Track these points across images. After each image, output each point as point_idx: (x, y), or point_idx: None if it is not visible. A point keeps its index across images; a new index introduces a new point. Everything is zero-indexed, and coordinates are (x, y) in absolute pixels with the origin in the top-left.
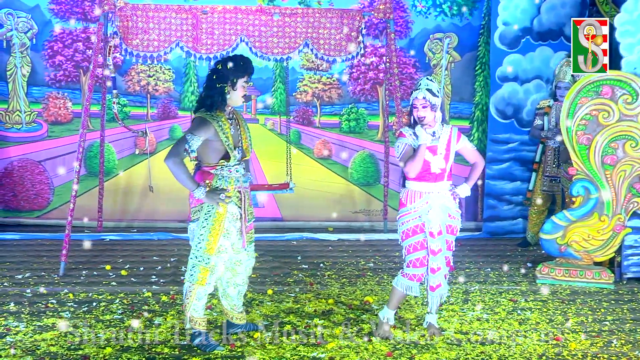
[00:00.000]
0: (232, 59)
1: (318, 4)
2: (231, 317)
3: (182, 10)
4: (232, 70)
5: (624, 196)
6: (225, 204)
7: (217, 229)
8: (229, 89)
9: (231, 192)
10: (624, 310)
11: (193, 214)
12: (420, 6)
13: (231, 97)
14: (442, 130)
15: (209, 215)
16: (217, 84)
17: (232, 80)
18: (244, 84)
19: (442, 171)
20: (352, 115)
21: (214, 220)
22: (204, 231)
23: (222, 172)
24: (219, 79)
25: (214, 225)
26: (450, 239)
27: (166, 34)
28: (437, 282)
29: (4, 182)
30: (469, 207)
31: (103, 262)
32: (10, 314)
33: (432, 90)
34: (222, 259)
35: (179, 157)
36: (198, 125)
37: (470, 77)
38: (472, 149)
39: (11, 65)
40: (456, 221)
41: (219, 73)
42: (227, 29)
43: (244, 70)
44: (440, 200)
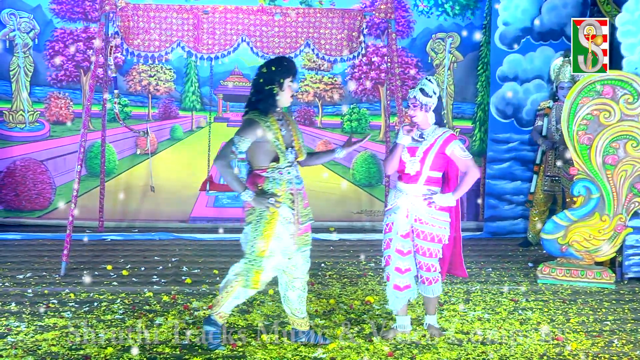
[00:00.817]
0: (276, 61)
1: (319, 3)
2: (293, 323)
3: (183, 10)
4: (279, 71)
5: (625, 196)
6: (276, 208)
7: (269, 232)
8: (278, 91)
9: (282, 195)
10: (625, 310)
11: (247, 216)
12: (422, 6)
13: (280, 99)
14: (433, 133)
15: (261, 218)
16: (265, 86)
17: (280, 82)
18: (290, 83)
19: (416, 174)
20: (353, 116)
21: (265, 223)
22: (256, 234)
23: (273, 175)
24: (266, 82)
25: (265, 228)
26: (423, 245)
27: (167, 34)
28: (404, 283)
29: (6, 182)
30: (470, 207)
31: (104, 262)
32: (11, 314)
33: (425, 90)
34: (271, 263)
35: (226, 160)
36: (246, 127)
37: (472, 77)
38: (463, 158)
39: (14, 65)
40: (429, 227)
41: (266, 76)
42: (228, 29)
43: (290, 71)
44: (409, 203)
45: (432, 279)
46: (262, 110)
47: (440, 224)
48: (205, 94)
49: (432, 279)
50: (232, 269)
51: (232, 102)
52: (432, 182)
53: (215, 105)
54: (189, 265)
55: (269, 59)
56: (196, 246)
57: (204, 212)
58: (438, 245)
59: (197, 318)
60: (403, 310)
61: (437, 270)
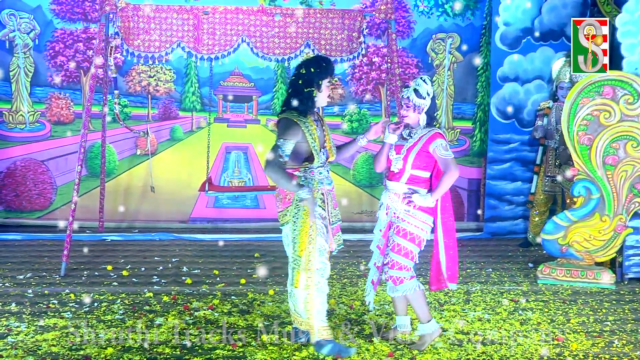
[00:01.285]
0: (315, 61)
1: (319, 4)
2: (295, 321)
3: (183, 11)
4: (317, 73)
5: (625, 196)
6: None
7: (305, 230)
8: (316, 92)
9: (315, 195)
10: (625, 310)
11: (281, 218)
12: (423, 6)
13: (318, 99)
14: (418, 132)
15: (297, 218)
16: (304, 88)
17: (318, 83)
18: (328, 84)
19: (399, 171)
20: (354, 116)
21: (301, 222)
22: (294, 234)
23: (305, 175)
24: (305, 84)
25: (302, 227)
26: (394, 239)
27: (167, 34)
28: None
29: (6, 182)
30: (470, 207)
31: (104, 262)
32: (11, 314)
33: (419, 91)
34: (324, 256)
35: (277, 165)
36: (287, 129)
37: (472, 78)
38: (442, 156)
39: (14, 65)
40: (405, 224)
41: (305, 77)
42: (228, 30)
43: (328, 71)
44: (389, 199)
45: (396, 278)
46: (302, 111)
47: (417, 224)
48: (205, 95)
49: (395, 277)
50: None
51: (232, 102)
52: (416, 181)
53: (215, 106)
54: (189, 265)
55: (307, 59)
56: (196, 247)
57: (204, 213)
58: (412, 245)
59: (197, 318)
60: (403, 310)
61: (406, 271)
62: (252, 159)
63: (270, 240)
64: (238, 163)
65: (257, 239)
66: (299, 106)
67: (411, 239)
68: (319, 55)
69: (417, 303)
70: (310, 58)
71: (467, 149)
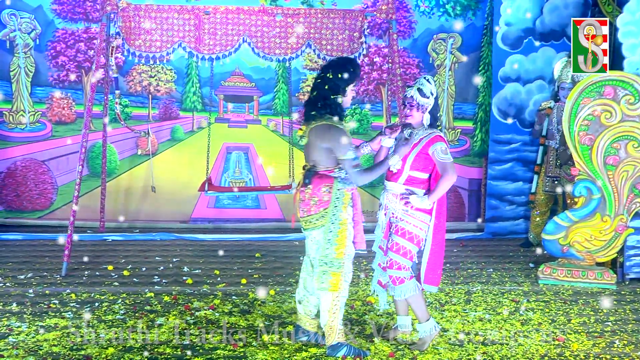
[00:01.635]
0: (342, 67)
1: (321, 4)
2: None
3: (184, 11)
4: (344, 80)
5: (626, 196)
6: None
7: (344, 233)
8: (341, 98)
9: (347, 195)
10: (626, 310)
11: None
12: (424, 6)
13: (343, 103)
14: (420, 133)
15: (335, 220)
16: (331, 95)
17: (344, 89)
18: (353, 87)
19: (398, 172)
20: (355, 116)
21: (340, 224)
22: (331, 236)
23: (340, 175)
24: (332, 91)
25: (341, 229)
26: (394, 239)
27: (168, 34)
28: (385, 280)
29: (7, 182)
30: (471, 207)
31: (105, 262)
32: (12, 314)
33: (423, 91)
34: (348, 264)
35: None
36: (343, 138)
37: (473, 78)
38: (441, 160)
39: (15, 65)
40: (404, 223)
41: (331, 84)
42: (229, 30)
43: (355, 77)
44: (387, 200)
45: (395, 278)
46: (339, 116)
47: (416, 223)
48: (206, 95)
49: (395, 277)
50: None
51: (232, 102)
52: (414, 182)
53: (216, 106)
54: (190, 265)
55: (333, 62)
56: (197, 247)
57: (204, 213)
58: (411, 245)
59: (197, 318)
60: (404, 310)
61: (405, 271)
62: (252, 160)
63: (271, 240)
64: (239, 163)
65: (258, 239)
66: (333, 112)
67: (410, 238)
68: (346, 57)
69: (416, 303)
70: (338, 61)
71: (467, 149)
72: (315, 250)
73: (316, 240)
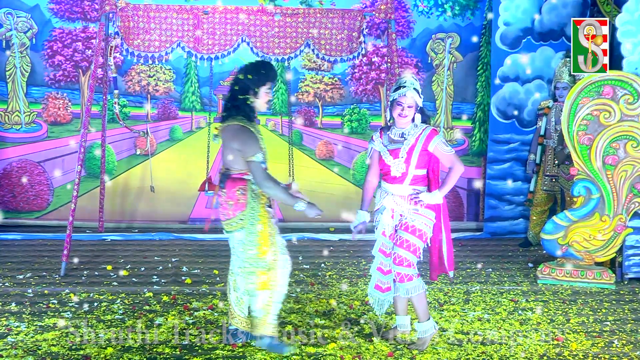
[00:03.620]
0: (253, 68)
1: (319, 4)
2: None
3: (183, 11)
4: (255, 80)
5: (625, 196)
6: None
7: (265, 232)
8: (252, 99)
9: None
10: (625, 310)
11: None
12: (422, 6)
13: (256, 105)
14: (413, 132)
15: (254, 220)
16: (239, 95)
17: (255, 90)
18: (268, 90)
19: (402, 175)
20: (354, 116)
21: (260, 224)
22: (252, 237)
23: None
24: (241, 91)
25: (262, 229)
26: (402, 236)
27: (167, 34)
28: (386, 285)
29: (3, 183)
30: (470, 207)
31: (104, 262)
32: (11, 314)
33: (418, 90)
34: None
35: (270, 178)
36: (249, 139)
37: (472, 78)
38: (446, 153)
39: (10, 65)
40: (411, 220)
41: (241, 84)
42: (228, 29)
43: (266, 78)
44: (394, 203)
45: (403, 275)
46: (247, 117)
47: (423, 220)
48: (205, 95)
49: (403, 275)
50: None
51: None
52: (418, 180)
53: (215, 106)
54: (189, 265)
55: (247, 64)
56: (196, 246)
57: (203, 213)
58: (419, 242)
59: (196, 318)
60: (403, 310)
61: (413, 268)
62: None
63: None
64: None
65: None
66: (241, 112)
67: (419, 235)
68: (260, 60)
69: (420, 302)
70: (251, 63)
71: (466, 149)
72: (239, 252)
73: (239, 240)
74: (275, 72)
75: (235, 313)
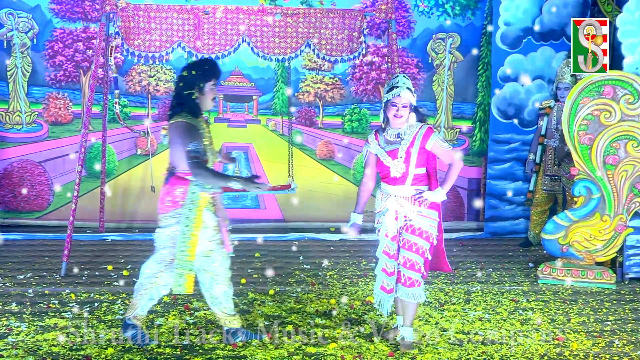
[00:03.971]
0: (197, 64)
1: (320, 4)
2: (225, 323)
3: (183, 11)
4: (199, 76)
5: (626, 196)
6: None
7: (195, 236)
8: (197, 95)
9: (205, 199)
10: (625, 310)
11: (164, 219)
12: (423, 6)
13: (201, 102)
14: (409, 131)
15: (188, 223)
16: (184, 91)
17: (200, 86)
18: (213, 87)
19: (402, 175)
20: (354, 116)
21: (193, 227)
22: (184, 239)
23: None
24: (186, 87)
25: (192, 232)
26: (410, 239)
27: (168, 34)
28: (390, 286)
29: (3, 183)
30: (470, 207)
31: (105, 262)
32: (12, 314)
33: (411, 89)
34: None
35: (204, 165)
36: (190, 132)
37: (472, 77)
38: (445, 149)
39: (12, 65)
40: (417, 222)
41: (186, 80)
42: (228, 29)
43: (211, 74)
44: (397, 205)
45: (413, 280)
46: (192, 113)
47: (427, 221)
48: None
49: (413, 280)
50: (143, 271)
51: (232, 102)
52: (419, 180)
53: (216, 106)
54: None
55: (191, 62)
56: None
57: None
58: (425, 243)
59: (197, 318)
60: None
61: (421, 272)
62: (252, 159)
63: (271, 240)
64: (238, 163)
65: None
66: (185, 108)
67: (426, 237)
68: (204, 57)
69: (413, 309)
70: (195, 61)
71: (466, 149)
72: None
73: (169, 237)
74: (220, 70)
75: (218, 314)
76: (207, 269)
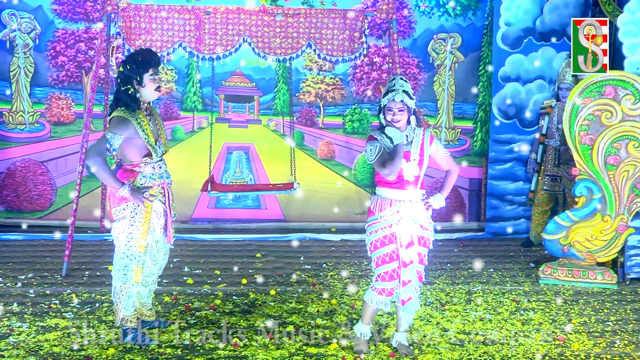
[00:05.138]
0: (130, 58)
1: (321, 4)
2: (141, 314)
3: (184, 11)
4: (134, 69)
5: (627, 196)
6: (150, 202)
7: (145, 226)
8: (138, 87)
9: (155, 189)
10: (627, 310)
11: (116, 213)
12: (424, 6)
13: (142, 94)
14: (414, 134)
15: (136, 213)
16: (121, 87)
17: (137, 79)
18: (152, 77)
19: (415, 178)
20: (355, 116)
21: (142, 218)
22: (132, 229)
23: (146, 170)
24: (123, 82)
25: (142, 222)
26: (423, 252)
27: (169, 34)
28: (408, 295)
29: (6, 183)
30: (471, 207)
31: (106, 262)
32: (13, 314)
33: (409, 92)
34: (149, 256)
35: (101, 157)
36: (117, 124)
37: (473, 78)
38: (446, 155)
39: (14, 65)
40: (428, 233)
41: (122, 76)
42: (230, 30)
43: (146, 64)
44: (412, 210)
45: (418, 288)
46: (129, 108)
47: (432, 228)
48: (207, 95)
49: (418, 287)
50: (113, 274)
51: (233, 102)
52: (422, 184)
53: (217, 106)
54: (191, 265)
55: (126, 56)
56: (197, 247)
57: (205, 213)
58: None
59: (198, 318)
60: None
61: (420, 281)
62: (253, 159)
63: (272, 240)
64: (240, 163)
65: (259, 239)
66: (120, 104)
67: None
68: (139, 49)
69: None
70: (129, 54)
71: (467, 149)
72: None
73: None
74: (157, 58)
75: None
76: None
